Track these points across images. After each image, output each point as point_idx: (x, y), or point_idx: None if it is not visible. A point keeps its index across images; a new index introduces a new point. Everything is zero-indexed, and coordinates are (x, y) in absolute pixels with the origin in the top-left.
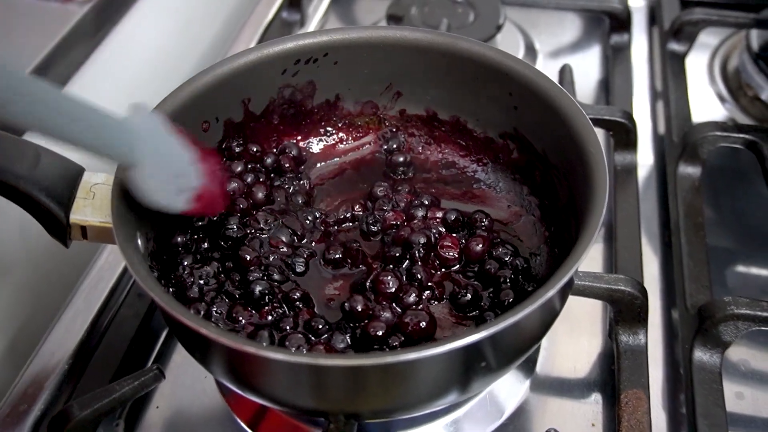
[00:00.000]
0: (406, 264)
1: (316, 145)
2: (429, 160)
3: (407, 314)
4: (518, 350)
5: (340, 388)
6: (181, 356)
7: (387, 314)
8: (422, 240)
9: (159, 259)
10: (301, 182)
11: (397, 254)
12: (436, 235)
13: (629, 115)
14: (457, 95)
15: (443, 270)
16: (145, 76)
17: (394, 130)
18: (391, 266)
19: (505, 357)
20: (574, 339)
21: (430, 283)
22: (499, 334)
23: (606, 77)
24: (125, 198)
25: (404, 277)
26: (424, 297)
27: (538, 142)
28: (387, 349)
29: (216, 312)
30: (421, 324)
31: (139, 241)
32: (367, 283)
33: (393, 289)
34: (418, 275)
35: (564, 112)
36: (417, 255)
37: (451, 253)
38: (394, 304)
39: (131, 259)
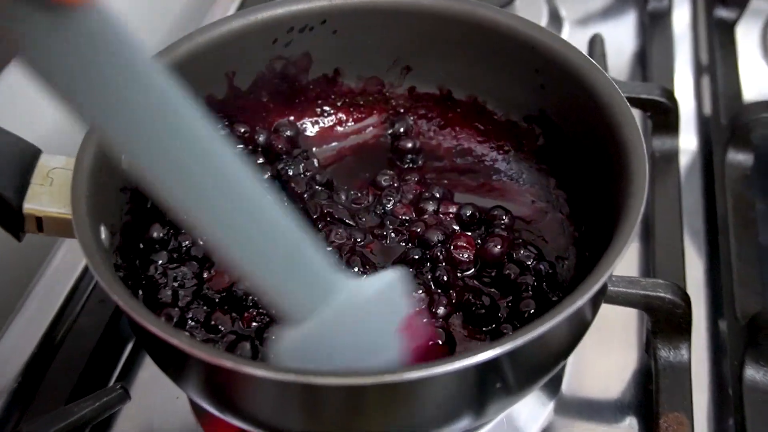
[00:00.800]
0: (426, 268)
1: (311, 128)
2: (441, 146)
3: None
4: (541, 369)
5: (335, 411)
6: (149, 373)
7: None
8: (440, 237)
9: (126, 257)
10: (309, 161)
11: (417, 257)
12: (450, 233)
13: (670, 94)
14: (475, 71)
15: (456, 274)
16: None
17: (402, 111)
18: (412, 270)
19: (526, 377)
20: (606, 354)
21: (451, 290)
22: (518, 350)
23: (642, 49)
24: (88, 184)
25: (431, 284)
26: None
27: (568, 127)
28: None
29: (191, 319)
30: (436, 342)
31: (104, 235)
32: None
33: (424, 305)
34: (443, 280)
35: (598, 91)
36: (440, 256)
37: (465, 255)
38: None
39: (92, 257)
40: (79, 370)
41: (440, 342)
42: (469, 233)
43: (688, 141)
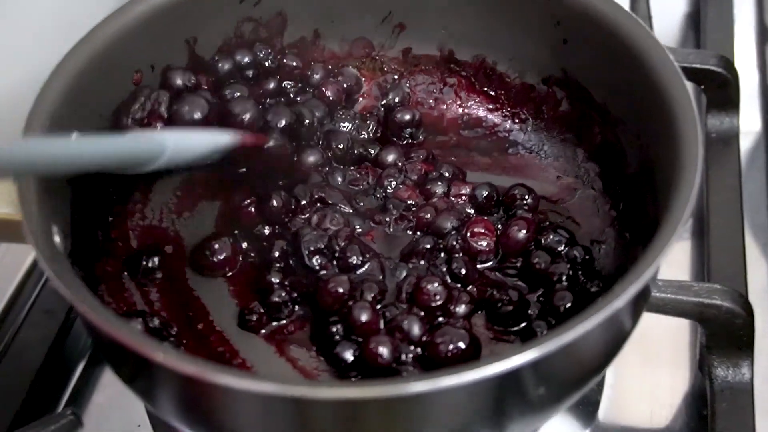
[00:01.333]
0: (440, 260)
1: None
2: (445, 117)
3: (439, 333)
4: (572, 382)
5: (331, 428)
6: (104, 396)
7: (415, 327)
8: (454, 224)
9: (82, 261)
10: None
11: (429, 246)
12: (465, 219)
13: (728, 63)
14: (482, 26)
15: (475, 266)
16: (51, 13)
17: (396, 77)
18: (423, 263)
19: (555, 390)
20: (651, 373)
21: (471, 286)
22: (553, 355)
23: (696, 10)
24: (38, 181)
25: (448, 279)
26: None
27: (597, 89)
28: (396, 366)
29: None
30: (459, 346)
31: (57, 238)
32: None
33: (441, 301)
34: (461, 274)
35: (634, 43)
36: (455, 246)
37: (484, 243)
38: (425, 314)
39: (53, 265)
40: (23, 392)
41: (462, 346)
42: (487, 218)
43: (750, 120)
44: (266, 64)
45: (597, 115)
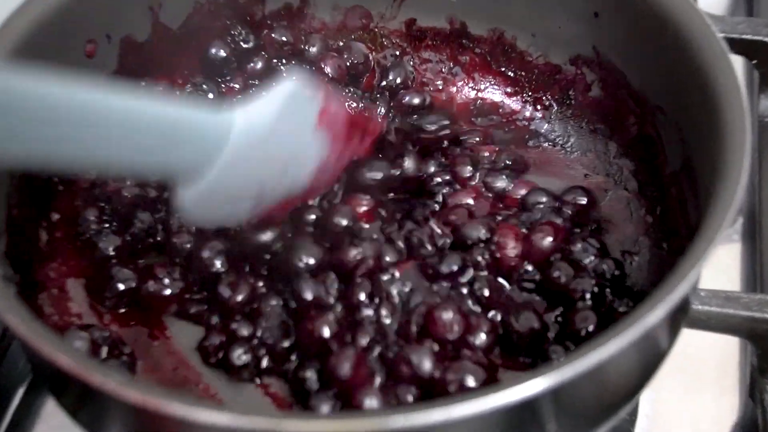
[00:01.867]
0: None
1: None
2: (455, 101)
3: (451, 369)
4: (601, 412)
5: None
6: (46, 428)
7: (426, 363)
8: (483, 235)
9: (19, 264)
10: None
11: (456, 268)
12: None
13: None
14: None
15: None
16: None
17: (398, 53)
18: (445, 286)
19: (580, 422)
20: (694, 399)
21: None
22: (571, 384)
23: None
24: None
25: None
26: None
27: (633, 71)
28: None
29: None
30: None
31: None
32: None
33: (458, 333)
34: (483, 297)
35: (677, 23)
36: (482, 262)
37: (513, 252)
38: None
39: None
40: None
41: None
42: (515, 223)
43: None
44: (244, 46)
45: (633, 101)
